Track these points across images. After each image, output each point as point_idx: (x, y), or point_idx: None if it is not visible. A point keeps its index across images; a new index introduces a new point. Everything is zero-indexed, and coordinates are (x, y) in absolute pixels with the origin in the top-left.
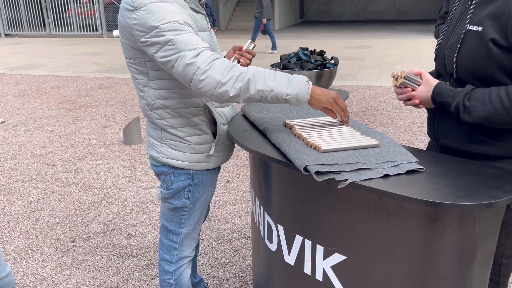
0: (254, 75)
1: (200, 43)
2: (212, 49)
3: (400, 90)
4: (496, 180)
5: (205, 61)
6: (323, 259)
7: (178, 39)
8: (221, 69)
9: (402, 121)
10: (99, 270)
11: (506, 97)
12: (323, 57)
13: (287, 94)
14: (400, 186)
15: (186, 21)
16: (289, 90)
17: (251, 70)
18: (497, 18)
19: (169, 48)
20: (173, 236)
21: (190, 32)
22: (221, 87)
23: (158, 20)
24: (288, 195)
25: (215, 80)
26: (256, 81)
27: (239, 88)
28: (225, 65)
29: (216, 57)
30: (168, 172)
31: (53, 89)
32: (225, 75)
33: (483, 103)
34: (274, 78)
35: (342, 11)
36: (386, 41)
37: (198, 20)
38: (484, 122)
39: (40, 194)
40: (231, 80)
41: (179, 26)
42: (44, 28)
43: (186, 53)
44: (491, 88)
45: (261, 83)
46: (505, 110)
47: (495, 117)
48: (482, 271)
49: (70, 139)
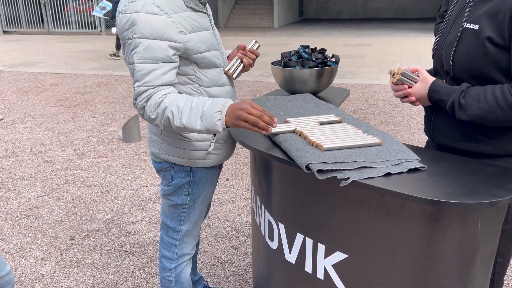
0: (172, 113)
1: (153, 79)
2: (214, 48)
3: (397, 87)
4: (497, 179)
5: (144, 98)
6: (324, 257)
7: (139, 67)
8: (151, 106)
9: (402, 119)
10: (99, 268)
11: (501, 96)
12: (324, 55)
13: (199, 130)
14: (402, 184)
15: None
16: (199, 126)
17: (169, 107)
18: (493, 16)
19: (131, 69)
20: (173, 233)
21: (156, 62)
22: (153, 122)
23: (136, 32)
24: (289, 193)
25: (147, 116)
26: (174, 120)
27: (164, 125)
28: (154, 102)
29: (155, 92)
30: (168, 168)
31: (51, 86)
32: (153, 111)
33: (478, 101)
34: (188, 115)
35: (341, 9)
36: (385, 39)
37: (197, 20)
38: (479, 120)
39: (39, 192)
40: (158, 116)
41: (151, 47)
42: (42, 25)
43: (136, 89)
44: (486, 87)
45: (178, 121)
46: (500, 109)
47: (489, 115)
48: (483, 270)
49: (69, 137)
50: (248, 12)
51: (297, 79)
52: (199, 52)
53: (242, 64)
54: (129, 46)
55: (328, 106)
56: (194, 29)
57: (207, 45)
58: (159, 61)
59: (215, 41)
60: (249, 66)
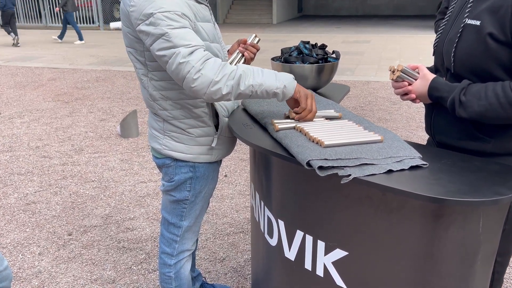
0: (244, 72)
1: (194, 40)
2: (216, 41)
3: (397, 84)
4: (500, 176)
5: (199, 60)
6: (324, 254)
7: (174, 33)
8: (214, 68)
9: (401, 116)
10: (96, 263)
11: (502, 93)
12: (325, 51)
13: (277, 87)
14: (403, 181)
15: (184, 12)
16: (278, 83)
17: (241, 67)
18: (495, 12)
19: (163, 41)
20: (174, 229)
21: (186, 27)
22: (215, 85)
23: (155, 8)
24: (289, 190)
25: (208, 79)
26: (247, 77)
27: (231, 85)
28: (218, 64)
29: (209, 56)
30: (170, 164)
31: (49, 81)
32: (218, 73)
33: (478, 98)
34: (262, 74)
35: (341, 6)
36: (384, 36)
37: (201, 11)
38: (479, 117)
39: (37, 187)
40: (224, 78)
41: (175, 17)
42: (40, 20)
43: (181, 50)
44: (487, 84)
45: (251, 79)
46: (501, 106)
47: (490, 113)
48: (485, 268)
49: (66, 132)
50: (247, 8)
51: (297, 75)
52: (204, 40)
53: (243, 58)
54: (151, 23)
55: (328, 103)
56: (199, 19)
57: (210, 36)
58: (186, 27)
59: (215, 34)
60: (250, 60)
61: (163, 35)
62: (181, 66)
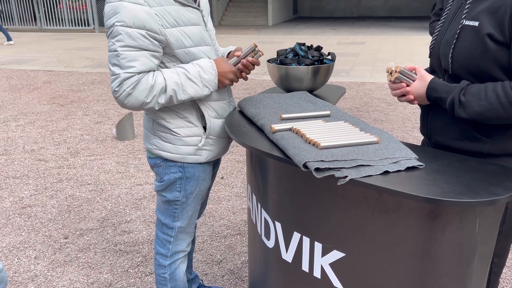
0: (174, 90)
1: (140, 64)
2: (204, 44)
3: (395, 86)
4: (496, 177)
5: (131, 85)
6: (322, 256)
7: (124, 54)
8: (145, 91)
9: (396, 117)
10: (93, 267)
11: (503, 92)
12: (320, 53)
13: (205, 94)
14: (400, 182)
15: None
16: (205, 91)
17: (170, 85)
18: (494, 13)
19: (113, 57)
20: (167, 229)
21: (141, 49)
22: (147, 105)
23: (118, 19)
24: (286, 191)
25: (139, 101)
26: (177, 94)
27: (163, 103)
28: (148, 85)
29: (140, 79)
30: (160, 164)
31: (44, 84)
32: (148, 95)
33: (478, 98)
34: (190, 85)
35: (336, 7)
36: (379, 38)
37: (184, 14)
38: (479, 117)
39: (32, 190)
40: (154, 98)
41: (136, 35)
42: (35, 23)
43: (121, 75)
44: (487, 84)
45: (182, 94)
46: (501, 105)
47: (490, 113)
48: (482, 267)
49: (62, 135)
50: (242, 10)
51: (293, 77)
52: (181, 47)
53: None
54: (112, 34)
55: (324, 104)
56: (180, 23)
57: (194, 40)
58: (142, 49)
59: (206, 36)
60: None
61: (115, 51)
62: (117, 88)
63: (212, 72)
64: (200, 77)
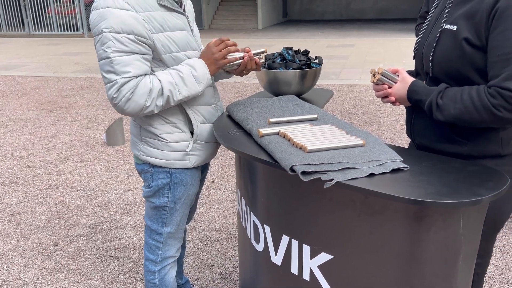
0: (170, 91)
1: (135, 68)
2: (190, 49)
3: (377, 87)
4: (479, 178)
5: (129, 89)
6: (310, 258)
7: (117, 60)
8: (144, 95)
9: (385, 119)
10: (83, 273)
11: (477, 96)
12: (307, 57)
13: (200, 90)
14: (385, 185)
15: (136, 35)
16: (200, 87)
17: (166, 86)
18: (471, 17)
19: (106, 64)
20: (156, 235)
21: (133, 53)
22: (146, 109)
23: (106, 26)
24: (274, 195)
25: (140, 106)
26: (174, 95)
27: (161, 106)
28: (147, 89)
29: (138, 83)
30: (148, 170)
31: (33, 89)
32: (147, 99)
33: (454, 101)
34: (185, 84)
35: (325, 10)
36: (368, 40)
37: (170, 19)
38: (455, 120)
39: (21, 197)
40: (153, 101)
41: (125, 40)
42: (23, 28)
43: (118, 81)
44: (463, 88)
45: (178, 95)
46: (475, 109)
47: (465, 116)
48: (467, 267)
49: (51, 141)
50: (232, 14)
51: (281, 81)
52: (168, 52)
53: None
54: (101, 41)
55: (312, 108)
56: (166, 28)
57: (181, 45)
58: (133, 52)
59: (192, 41)
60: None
61: (108, 58)
62: (115, 95)
63: (202, 67)
64: (192, 75)
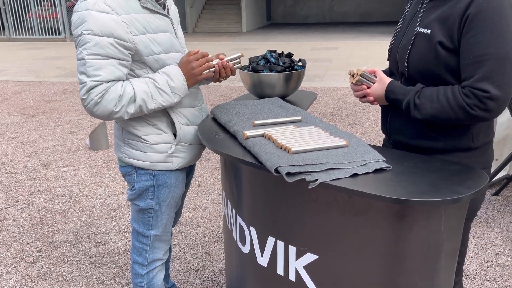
0: (143, 100)
1: (107, 73)
2: (174, 51)
3: (356, 87)
4: (459, 177)
5: (98, 93)
6: (296, 259)
7: (91, 62)
8: (113, 100)
9: (369, 121)
10: (68, 280)
11: (452, 96)
12: (291, 59)
13: (175, 102)
14: (368, 184)
15: (116, 38)
16: (175, 98)
17: (139, 94)
18: (444, 21)
19: (80, 65)
20: (143, 238)
21: (108, 58)
22: (115, 115)
23: (85, 28)
24: (259, 196)
25: (108, 110)
26: (147, 104)
27: (132, 113)
28: (117, 95)
29: (109, 88)
30: (131, 172)
31: (14, 94)
32: (116, 104)
33: (431, 101)
34: (160, 93)
35: (309, 13)
36: (352, 43)
37: (153, 21)
38: (433, 118)
39: (3, 204)
40: (123, 108)
41: (104, 44)
42: (3, 32)
43: (88, 84)
44: (439, 87)
45: (152, 104)
46: (451, 108)
47: (442, 114)
48: (449, 263)
49: (33, 146)
50: (216, 17)
51: (265, 84)
52: (151, 54)
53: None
54: (79, 43)
55: (296, 110)
56: (149, 30)
57: (164, 47)
58: (110, 57)
59: (176, 44)
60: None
61: (82, 59)
62: (85, 97)
63: (180, 78)
64: (169, 86)
